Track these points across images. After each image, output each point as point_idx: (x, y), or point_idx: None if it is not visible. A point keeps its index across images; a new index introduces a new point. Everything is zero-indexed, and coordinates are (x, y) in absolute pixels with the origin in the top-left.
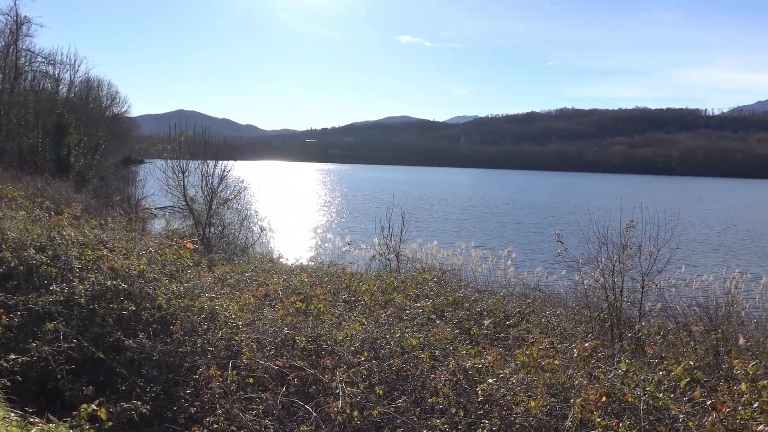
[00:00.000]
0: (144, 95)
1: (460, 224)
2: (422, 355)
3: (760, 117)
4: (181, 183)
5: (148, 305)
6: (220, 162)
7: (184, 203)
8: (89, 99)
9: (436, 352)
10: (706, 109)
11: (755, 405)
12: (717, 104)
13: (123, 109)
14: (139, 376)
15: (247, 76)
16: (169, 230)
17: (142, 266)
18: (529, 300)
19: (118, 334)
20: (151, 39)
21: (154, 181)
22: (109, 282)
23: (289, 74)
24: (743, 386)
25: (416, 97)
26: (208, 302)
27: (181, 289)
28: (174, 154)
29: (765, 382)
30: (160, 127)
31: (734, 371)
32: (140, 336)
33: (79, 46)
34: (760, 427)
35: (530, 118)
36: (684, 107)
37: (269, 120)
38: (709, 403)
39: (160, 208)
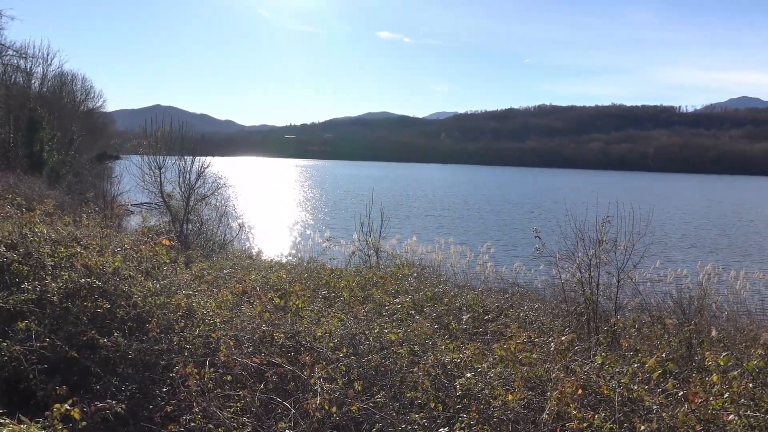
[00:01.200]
0: (120, 90)
1: (440, 220)
2: (401, 351)
3: (732, 114)
4: (158, 179)
5: (123, 303)
6: (197, 158)
7: (160, 200)
8: (63, 93)
9: (415, 347)
10: (680, 107)
11: (726, 395)
12: (690, 102)
13: (98, 104)
14: (114, 374)
15: (226, 71)
16: (146, 227)
17: (117, 263)
18: (507, 295)
19: (93, 332)
20: (126, 32)
21: (130, 177)
22: (83, 280)
23: (268, 69)
24: (714, 377)
25: (396, 93)
26: (185, 299)
27: (158, 286)
28: (150, 149)
29: (735, 372)
30: (137, 122)
31: (706, 363)
32: (115, 334)
33: (53, 39)
34: (731, 416)
35: (509, 114)
36: (659, 105)
37: (248, 115)
38: (681, 394)
39: (136, 204)
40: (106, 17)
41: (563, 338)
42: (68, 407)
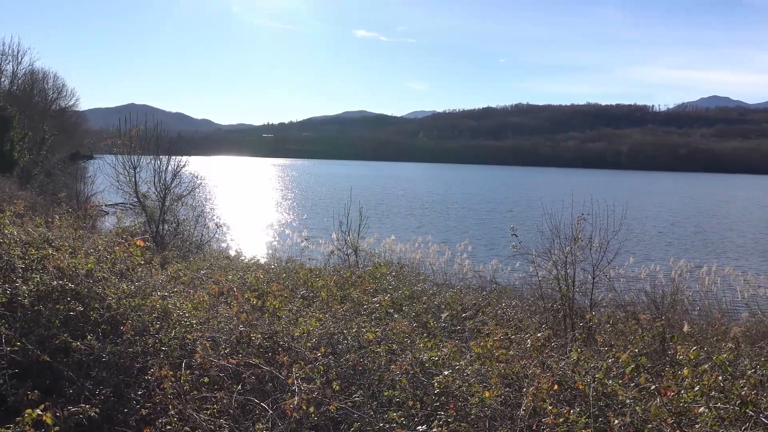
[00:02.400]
0: (93, 88)
1: (419, 219)
2: (379, 350)
3: (703, 113)
4: (133, 179)
5: (96, 305)
6: (173, 157)
7: (135, 200)
8: (34, 92)
9: (394, 346)
10: (652, 105)
11: (696, 388)
12: (662, 100)
13: (70, 103)
14: (87, 378)
15: (201, 69)
16: (120, 228)
17: (90, 265)
18: (485, 293)
19: (65, 335)
20: (99, 30)
21: (104, 178)
22: (55, 282)
23: (244, 68)
24: (686, 371)
25: (374, 92)
26: (160, 301)
27: (132, 287)
28: (125, 149)
29: (706, 366)
30: (110, 121)
31: (678, 357)
32: (89, 337)
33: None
34: (701, 408)
35: (487, 113)
36: (632, 104)
37: (225, 114)
38: (653, 387)
39: (110, 205)
40: (77, 15)
41: (539, 335)
42: (40, 412)
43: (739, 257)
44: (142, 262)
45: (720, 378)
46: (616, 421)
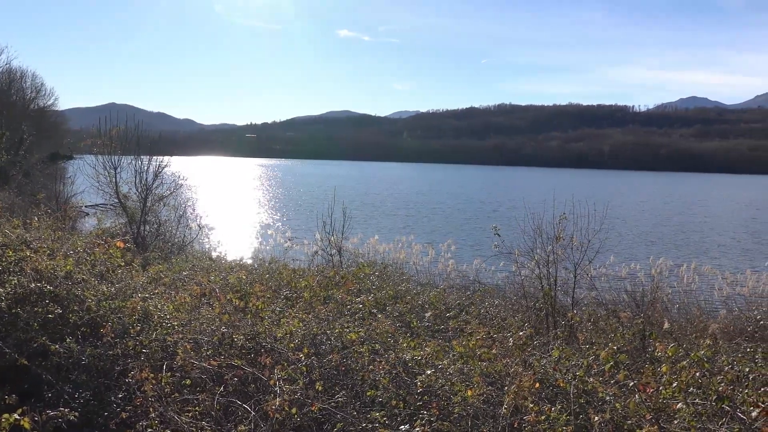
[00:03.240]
0: (72, 87)
1: (403, 219)
2: (362, 350)
3: (682, 114)
4: (113, 179)
5: (76, 308)
6: (155, 157)
7: (116, 201)
8: (12, 91)
9: (377, 346)
10: (633, 106)
11: (674, 385)
12: (643, 101)
13: (49, 102)
14: (66, 382)
15: (184, 69)
16: (100, 229)
17: (69, 267)
18: (468, 292)
19: (44, 338)
20: (79, 28)
21: (84, 178)
22: (33, 284)
23: (227, 67)
24: (664, 367)
25: (357, 92)
26: (141, 303)
27: (112, 289)
28: (105, 149)
29: (684, 362)
30: (91, 120)
31: (656, 354)
32: (68, 340)
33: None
34: (679, 405)
35: (470, 113)
36: (614, 104)
37: (207, 114)
38: (632, 384)
39: (90, 206)
40: (56, 13)
41: (521, 333)
42: (18, 417)
43: (721, 256)
44: (123, 264)
45: (698, 374)
46: (596, 418)
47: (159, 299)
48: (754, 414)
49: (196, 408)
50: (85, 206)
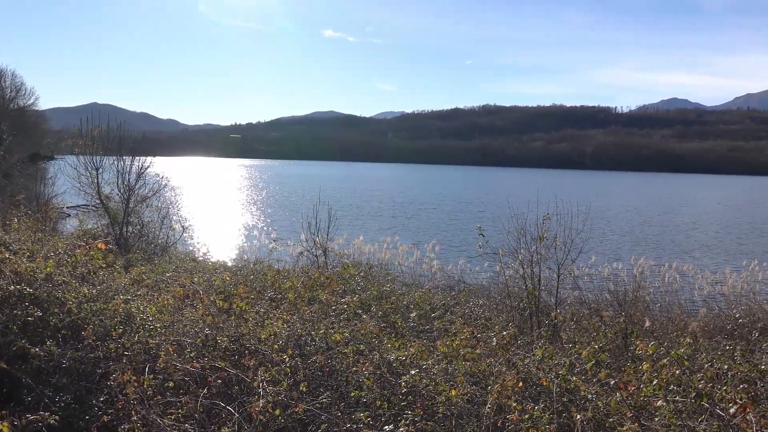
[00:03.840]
0: (53, 87)
1: (389, 220)
2: (347, 351)
3: (663, 115)
4: (95, 180)
5: (56, 310)
6: (138, 158)
7: (98, 202)
8: None
9: (361, 346)
10: (615, 107)
11: (654, 382)
12: (624, 102)
13: (29, 102)
14: (47, 385)
15: (167, 69)
16: (81, 230)
17: (49, 269)
18: (453, 292)
19: (23, 342)
20: (60, 27)
21: (66, 179)
22: (13, 287)
23: (211, 67)
24: (645, 365)
25: (343, 92)
26: (123, 305)
27: (93, 291)
28: (86, 149)
29: (665, 361)
30: (72, 120)
31: (637, 352)
32: (48, 343)
33: None
34: (659, 402)
35: (455, 114)
36: (596, 105)
37: (191, 114)
38: (613, 382)
39: (72, 207)
40: (38, 13)
41: (504, 333)
42: None
43: (702, 256)
44: (104, 266)
45: (678, 372)
46: (579, 417)
47: (141, 301)
48: (732, 410)
49: (179, 410)
50: (66, 207)
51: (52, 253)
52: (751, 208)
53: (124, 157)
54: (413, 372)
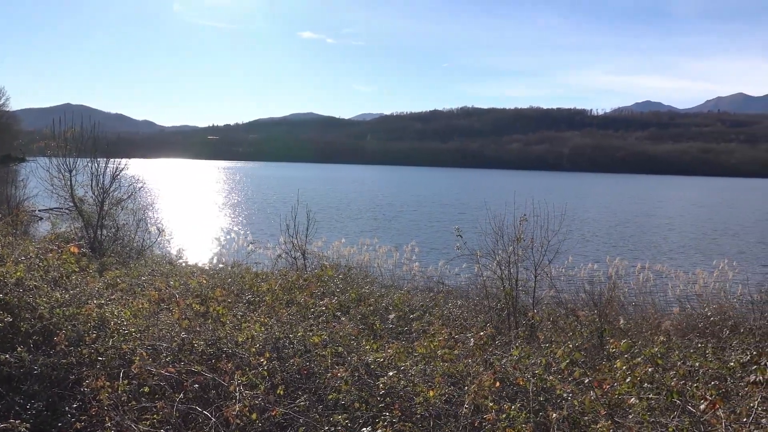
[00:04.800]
0: (25, 88)
1: (369, 222)
2: (325, 353)
3: (638, 117)
4: (68, 182)
5: (27, 315)
6: (112, 160)
7: (71, 204)
8: None
9: (340, 348)
10: (591, 109)
11: (628, 380)
12: (600, 104)
13: (0, 102)
14: (18, 392)
15: (143, 69)
16: (54, 233)
17: (19, 273)
18: (432, 293)
19: None
20: (33, 27)
21: (38, 181)
22: None
23: (188, 68)
24: (618, 363)
25: (321, 93)
26: (97, 309)
27: (66, 296)
28: (59, 151)
29: (639, 359)
30: (45, 121)
31: (611, 350)
32: (19, 349)
33: None
34: (632, 399)
35: (434, 116)
36: (572, 107)
37: (168, 116)
38: (587, 381)
39: (44, 210)
40: (10, 13)
41: (482, 333)
42: None
43: (676, 256)
44: (78, 270)
45: (651, 370)
46: (555, 415)
47: (116, 305)
48: (702, 407)
49: (155, 416)
50: (39, 210)
51: (23, 257)
52: (724, 209)
53: (99, 159)
54: (391, 373)
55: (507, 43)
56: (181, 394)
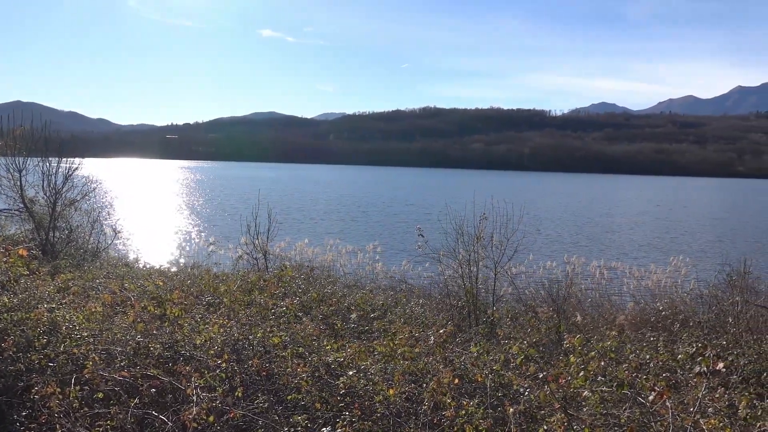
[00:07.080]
0: None
1: (333, 223)
2: (285, 354)
3: (594, 118)
4: (18, 183)
5: None
6: (65, 159)
7: (21, 205)
8: None
9: (300, 349)
10: (550, 110)
11: (581, 374)
12: (558, 106)
13: None
14: None
15: (98, 66)
16: (1, 236)
17: None
18: (394, 292)
19: None
20: None
21: None
22: None
23: (144, 66)
24: (572, 358)
25: (283, 93)
26: (47, 314)
27: (15, 300)
28: (8, 150)
29: (593, 353)
30: None
31: (566, 346)
32: None
33: None
34: (585, 392)
35: (396, 116)
36: (532, 108)
37: (124, 114)
38: (541, 376)
39: None
40: None
41: (441, 331)
42: None
43: (631, 252)
44: (27, 273)
45: (604, 363)
46: (512, 410)
47: (68, 309)
48: (651, 398)
49: (108, 422)
50: None
51: None
52: (679, 208)
53: (50, 159)
54: (351, 373)
55: (468, 44)
56: (137, 399)
